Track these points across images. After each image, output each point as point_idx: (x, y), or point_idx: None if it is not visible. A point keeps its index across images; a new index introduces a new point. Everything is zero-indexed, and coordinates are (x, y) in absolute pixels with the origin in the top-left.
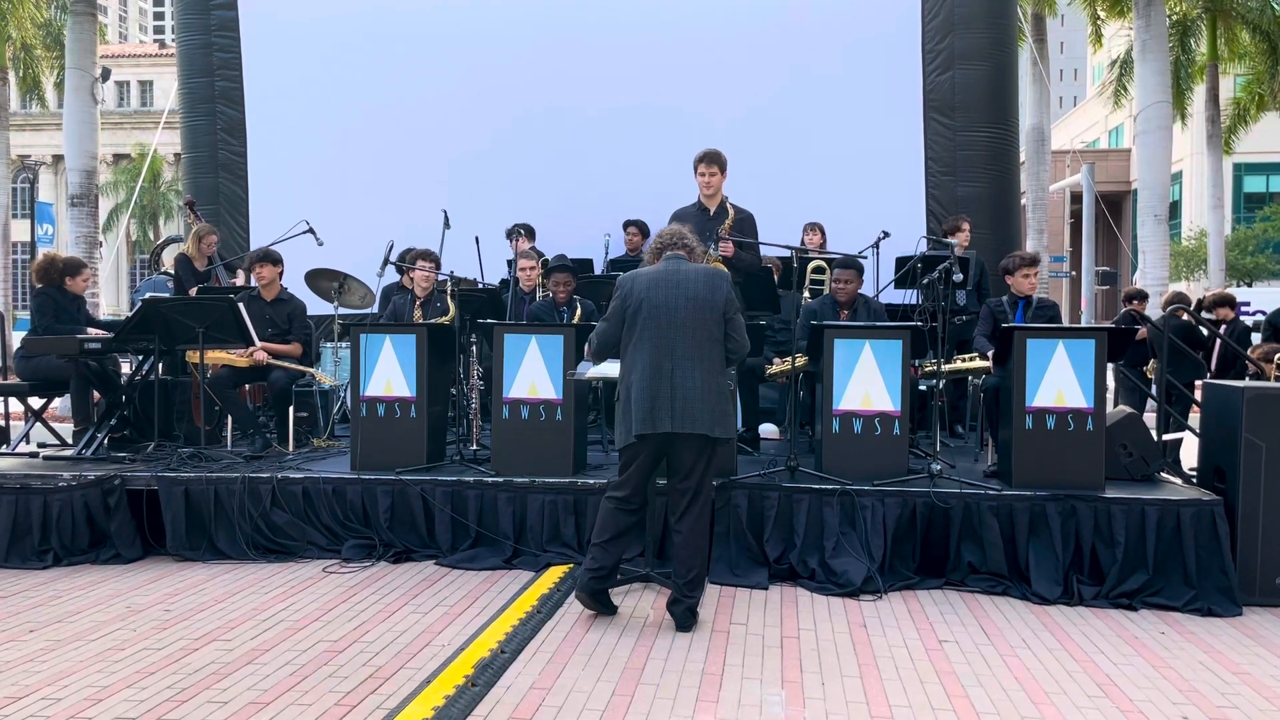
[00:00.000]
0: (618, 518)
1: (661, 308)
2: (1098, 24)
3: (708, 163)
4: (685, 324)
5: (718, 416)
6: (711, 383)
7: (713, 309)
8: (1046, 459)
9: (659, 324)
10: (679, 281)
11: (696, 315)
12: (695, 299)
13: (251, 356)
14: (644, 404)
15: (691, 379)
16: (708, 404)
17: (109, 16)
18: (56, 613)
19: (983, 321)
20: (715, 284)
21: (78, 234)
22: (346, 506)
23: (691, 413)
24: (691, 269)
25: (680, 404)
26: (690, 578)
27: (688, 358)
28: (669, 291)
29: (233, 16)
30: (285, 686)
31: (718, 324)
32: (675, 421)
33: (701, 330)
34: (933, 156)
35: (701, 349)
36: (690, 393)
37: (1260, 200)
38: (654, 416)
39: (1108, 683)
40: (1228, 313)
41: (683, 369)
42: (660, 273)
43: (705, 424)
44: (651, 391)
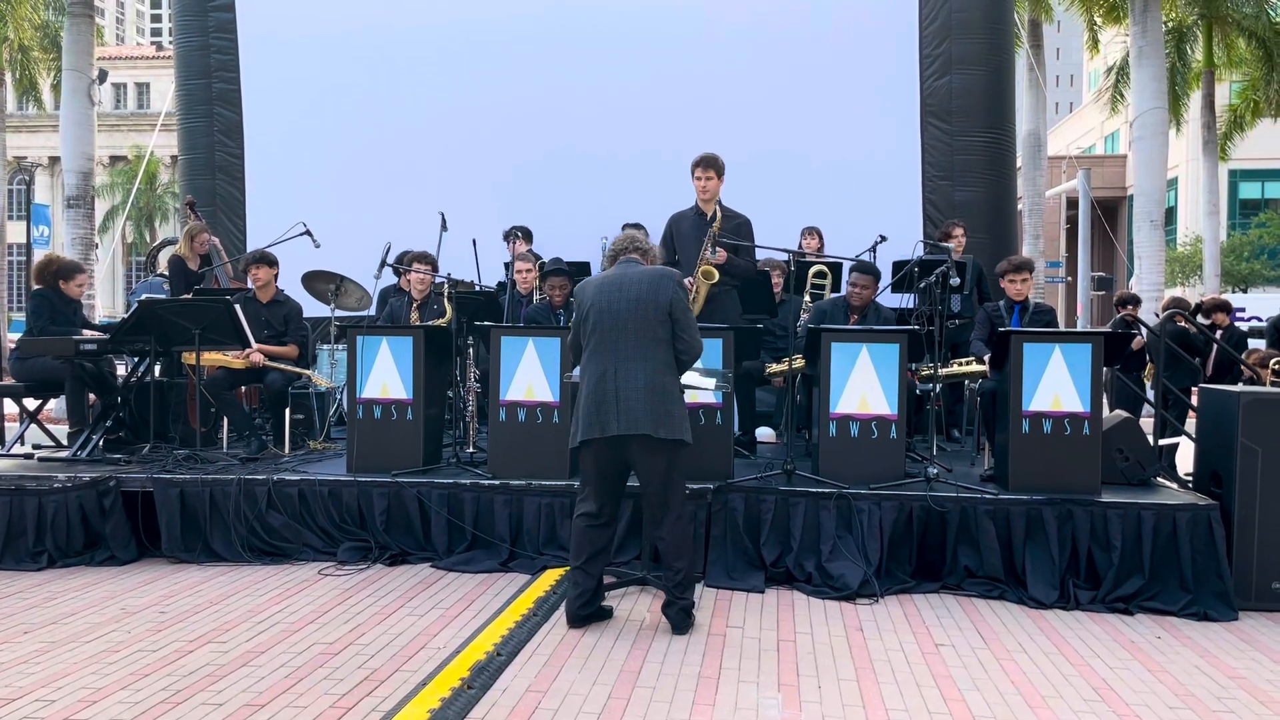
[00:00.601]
0: (590, 535)
1: (606, 312)
2: (1094, 30)
3: (704, 167)
4: (627, 326)
5: (660, 417)
6: (656, 383)
7: (655, 309)
8: (1043, 463)
9: (604, 328)
10: (623, 284)
11: (639, 316)
12: (638, 300)
13: (248, 358)
14: (590, 409)
15: (634, 380)
16: (651, 404)
17: (106, 18)
18: (51, 614)
19: (979, 326)
20: (660, 284)
21: (74, 236)
22: (342, 509)
23: (635, 414)
24: (638, 271)
25: (624, 406)
26: (679, 579)
27: (630, 359)
28: (613, 295)
29: (230, 19)
30: (281, 689)
31: (662, 324)
32: (621, 424)
33: (644, 331)
34: (930, 161)
35: (644, 350)
36: (633, 394)
37: (1255, 206)
38: (600, 420)
39: (1104, 687)
40: (1224, 318)
41: (625, 370)
42: (608, 277)
43: (648, 424)
44: (597, 396)
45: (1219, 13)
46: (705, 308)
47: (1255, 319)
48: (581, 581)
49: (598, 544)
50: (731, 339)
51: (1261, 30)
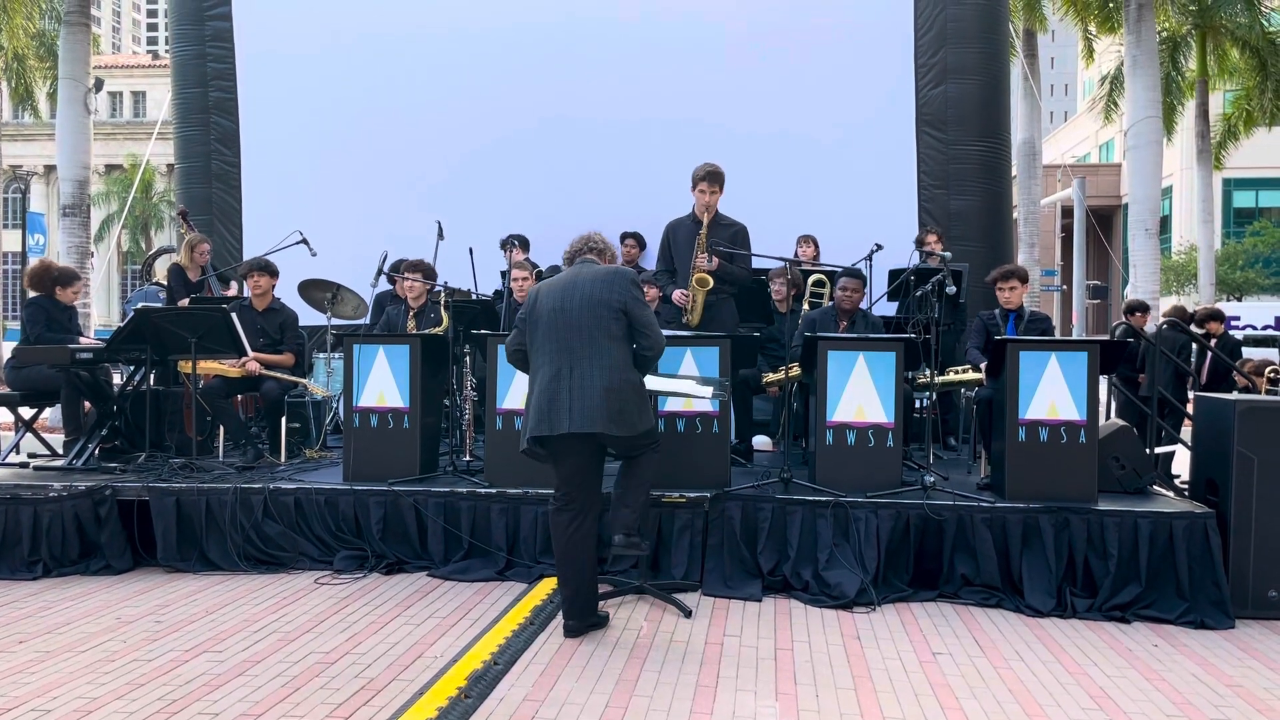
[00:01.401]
0: (561, 526)
1: (558, 312)
2: (1089, 40)
3: (709, 181)
4: (581, 325)
5: (615, 414)
6: (614, 382)
7: (608, 306)
8: (1039, 471)
9: (556, 327)
10: (577, 284)
11: (592, 314)
12: (590, 298)
13: (244, 367)
14: (541, 407)
15: (590, 380)
16: (608, 402)
17: (102, 27)
18: (46, 624)
19: (975, 334)
20: (613, 282)
21: (69, 244)
22: (339, 517)
23: (590, 413)
24: (591, 271)
25: (579, 404)
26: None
27: (585, 359)
28: (565, 295)
29: (227, 27)
30: (277, 698)
31: (616, 320)
32: (573, 422)
33: (598, 329)
34: (925, 170)
35: (599, 348)
36: (589, 394)
37: (1250, 215)
38: (552, 419)
39: (1101, 695)
40: (1217, 327)
41: (581, 370)
42: (560, 279)
43: (603, 423)
44: (550, 394)
45: (1213, 22)
46: (702, 316)
47: (1250, 327)
48: (568, 591)
49: (575, 535)
50: (728, 347)
51: (1255, 40)
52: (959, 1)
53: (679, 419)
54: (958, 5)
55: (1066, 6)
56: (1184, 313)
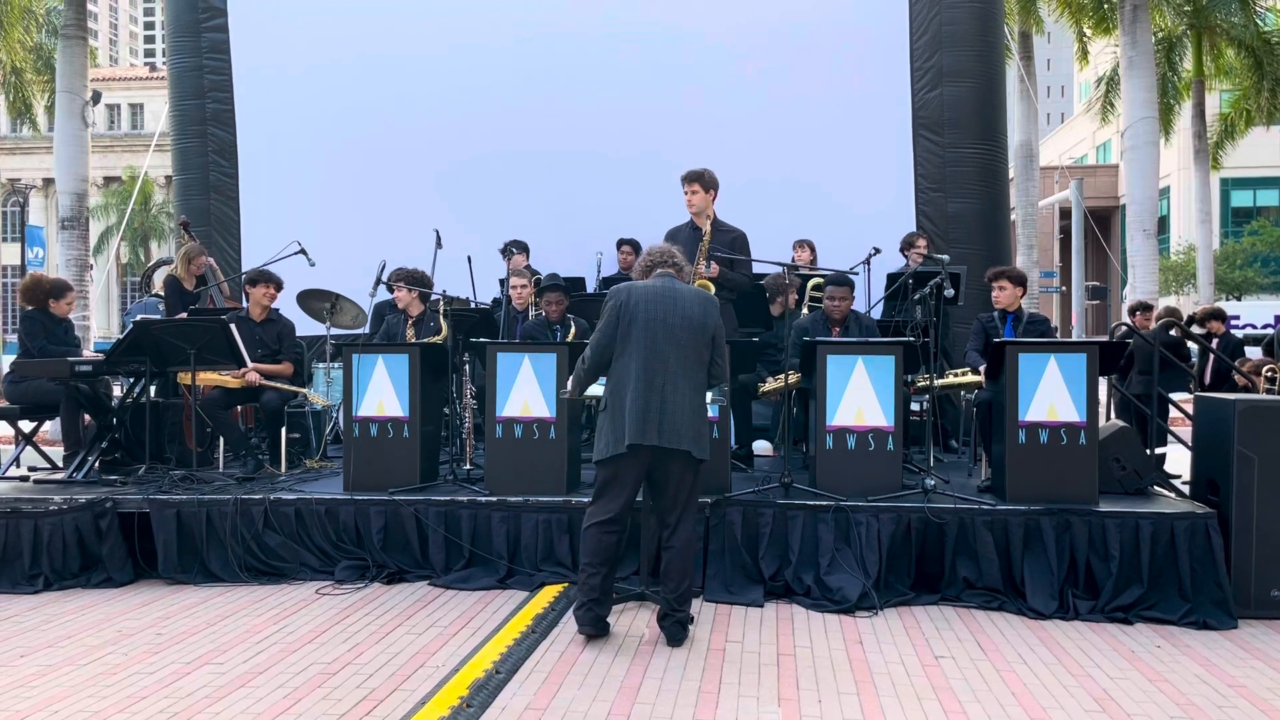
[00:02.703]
0: (608, 541)
1: (658, 322)
2: (1084, 41)
3: (688, 181)
4: (679, 341)
5: (697, 436)
6: (697, 402)
7: (704, 331)
8: (1040, 473)
9: (654, 337)
10: (675, 299)
11: (690, 335)
12: (690, 319)
13: (244, 378)
14: (636, 414)
15: (680, 396)
16: (692, 422)
17: (99, 39)
18: (48, 637)
19: (974, 336)
20: (708, 308)
21: (68, 257)
22: (339, 527)
23: (678, 429)
24: (685, 289)
25: (669, 420)
26: (681, 592)
27: (679, 375)
28: (666, 307)
29: (224, 39)
30: (279, 710)
31: (706, 346)
32: (663, 436)
33: (692, 350)
34: (923, 173)
35: (690, 368)
36: (678, 409)
37: (1248, 214)
38: (645, 428)
39: (1104, 697)
40: (1219, 327)
41: (673, 385)
42: (656, 288)
43: (689, 441)
44: (644, 403)
45: (1208, 23)
46: None
47: (1250, 326)
48: (596, 587)
49: (616, 550)
50: (727, 352)
51: (1251, 40)
52: (954, 4)
53: None
54: (953, 8)
55: (1061, 8)
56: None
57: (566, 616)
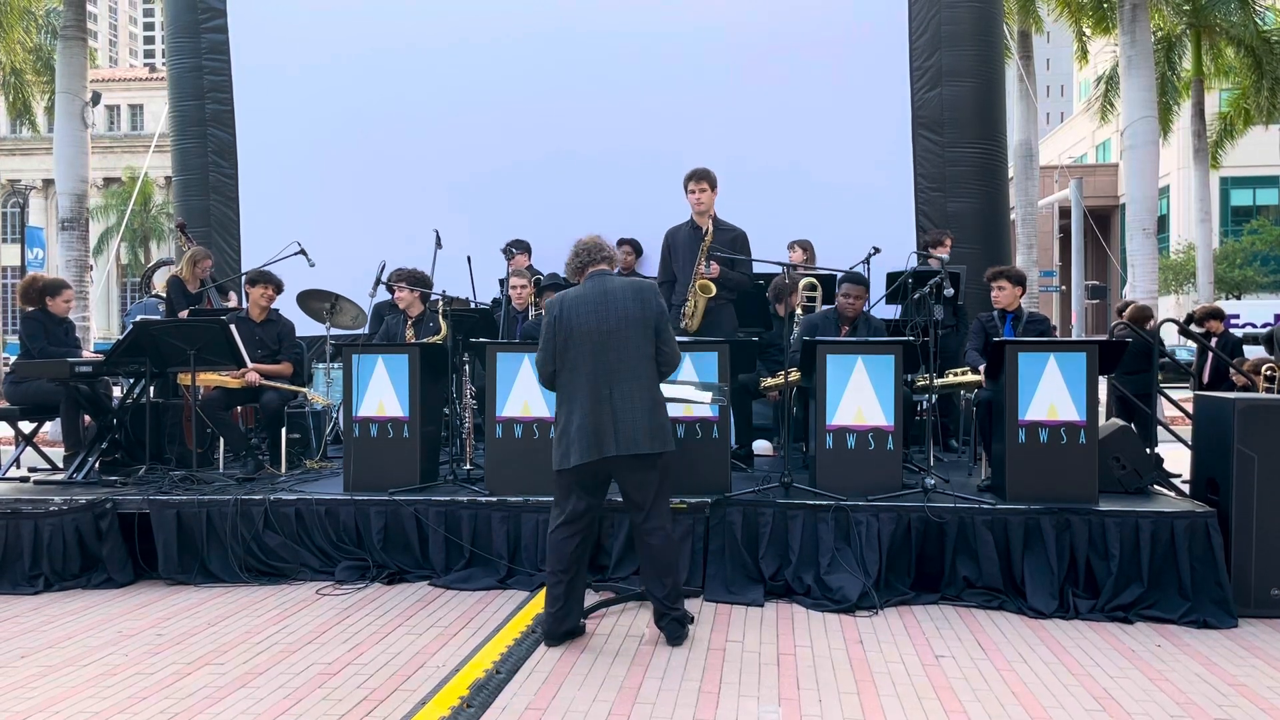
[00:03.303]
0: (570, 545)
1: (594, 331)
2: (1083, 41)
3: (697, 180)
4: (620, 344)
5: (654, 432)
6: (650, 399)
7: (644, 325)
8: (1040, 472)
9: (593, 347)
10: (608, 301)
11: (630, 333)
12: (627, 316)
13: (244, 378)
14: (586, 431)
15: (630, 400)
16: (648, 422)
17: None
18: (48, 638)
19: (974, 336)
20: (645, 299)
21: (68, 258)
22: (339, 528)
23: (634, 434)
24: (619, 285)
25: (623, 427)
26: (670, 589)
27: (627, 379)
28: (600, 313)
29: (223, 40)
30: (279, 710)
31: (649, 339)
32: (620, 445)
33: (636, 348)
34: (922, 173)
35: (636, 367)
36: (631, 413)
37: (1247, 214)
38: (599, 443)
39: (1105, 696)
40: (1217, 326)
41: (622, 391)
42: (588, 294)
43: (645, 442)
44: (595, 418)
45: (1207, 22)
46: (701, 321)
47: (1250, 325)
48: (559, 594)
49: (579, 553)
50: (727, 352)
51: (1250, 39)
52: (953, 4)
53: (679, 425)
54: (952, 8)
55: (1061, 7)
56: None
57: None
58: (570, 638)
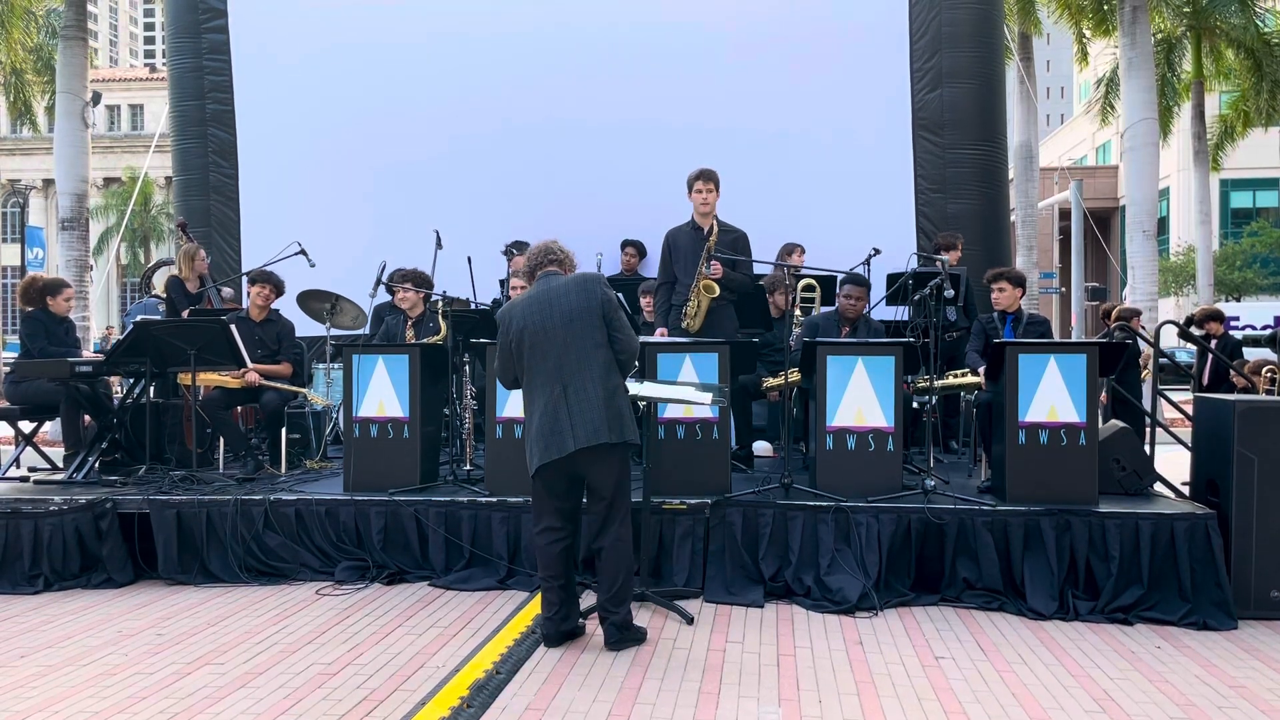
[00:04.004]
0: (554, 550)
1: (539, 333)
2: (1083, 42)
3: (704, 180)
4: (567, 341)
5: (613, 420)
6: (606, 389)
7: (589, 315)
8: (1040, 474)
9: (542, 350)
10: (551, 300)
11: (574, 328)
12: (569, 312)
13: (244, 378)
14: (544, 434)
15: (587, 393)
16: (606, 412)
17: (99, 40)
18: (48, 638)
19: (975, 337)
20: (588, 290)
21: (68, 258)
22: (339, 528)
23: (593, 426)
24: (562, 283)
25: (580, 420)
26: (614, 591)
27: (578, 373)
28: (543, 314)
29: (224, 40)
30: (279, 710)
31: (598, 329)
32: (577, 439)
33: (583, 340)
34: (922, 174)
35: (588, 360)
36: (588, 407)
37: (1247, 215)
38: (559, 442)
39: (1105, 697)
40: (1217, 328)
41: (576, 386)
42: (533, 297)
43: (606, 432)
44: (551, 419)
45: (1208, 24)
46: (703, 321)
47: (1250, 327)
48: (554, 599)
49: (567, 557)
50: (727, 353)
51: (1250, 41)
52: (954, 5)
53: (679, 426)
54: (952, 9)
55: (1061, 9)
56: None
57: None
58: (570, 638)
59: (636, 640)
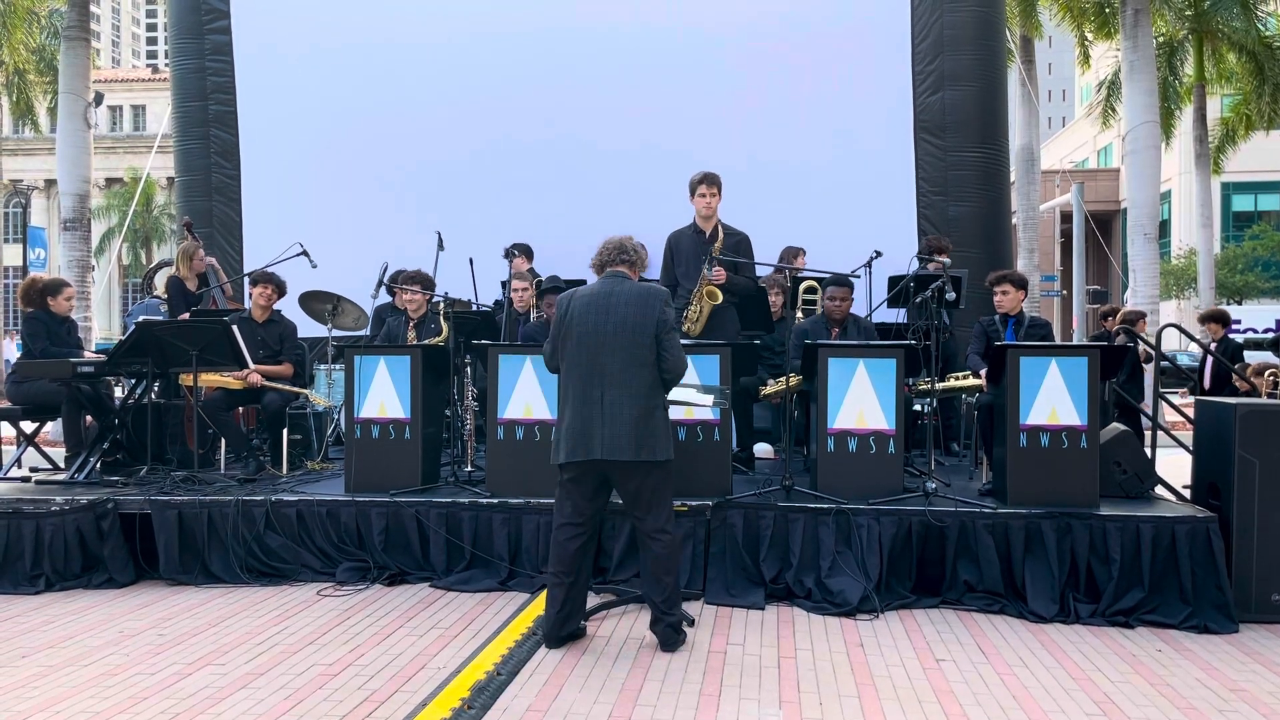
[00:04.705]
0: (571, 546)
1: (591, 332)
2: (1085, 45)
3: (708, 184)
4: (616, 348)
5: (643, 439)
6: (641, 407)
7: (643, 332)
8: (1041, 477)
9: (589, 348)
10: (611, 305)
11: (627, 339)
12: (624, 323)
13: (245, 379)
14: (575, 430)
15: (620, 406)
16: (636, 430)
17: (102, 41)
18: (49, 638)
19: (975, 340)
20: (648, 305)
21: (70, 258)
22: (341, 529)
23: (620, 440)
24: (626, 290)
25: (610, 431)
26: (666, 595)
27: (617, 385)
28: (599, 315)
29: (226, 41)
30: (280, 711)
31: (649, 347)
32: (605, 449)
33: (632, 354)
34: (924, 176)
35: (630, 374)
36: (618, 419)
37: (1249, 219)
38: (586, 443)
39: (1105, 701)
40: (1218, 329)
41: (613, 395)
42: (594, 294)
43: (631, 450)
44: (583, 418)
45: (1209, 27)
46: (704, 326)
47: (1251, 330)
48: (560, 597)
49: (580, 555)
50: (729, 355)
51: (1252, 44)
52: (956, 8)
53: (680, 427)
54: (954, 12)
55: (1063, 12)
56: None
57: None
58: (571, 640)
59: (683, 640)
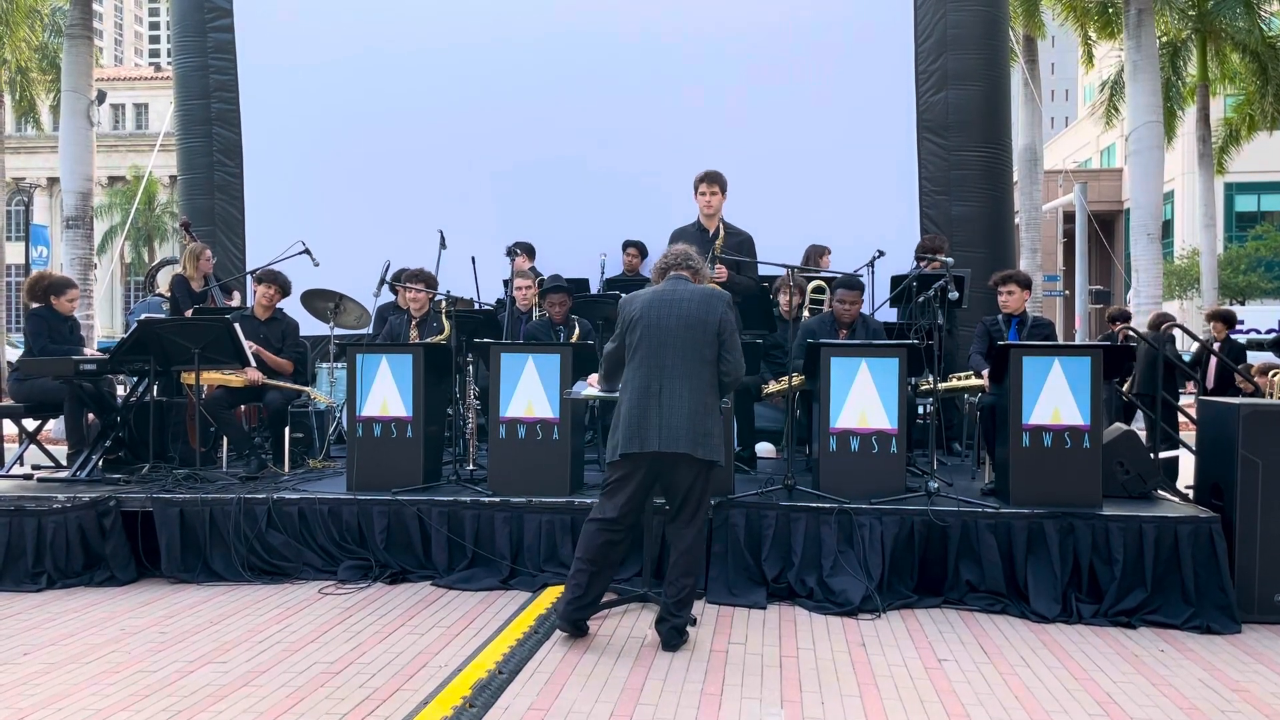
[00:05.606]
0: (602, 540)
1: (654, 327)
2: (1089, 45)
3: (709, 182)
4: (676, 344)
5: (700, 437)
6: (699, 403)
7: (705, 329)
8: (1044, 477)
9: (651, 344)
10: (674, 301)
11: (688, 335)
12: (687, 318)
13: (247, 377)
14: (631, 423)
15: (679, 399)
16: (693, 424)
17: (105, 39)
18: (51, 635)
19: (978, 339)
20: (711, 304)
21: (72, 256)
22: (342, 527)
23: (676, 433)
24: (689, 289)
25: (667, 423)
26: (680, 597)
27: (676, 378)
28: (662, 311)
29: (229, 39)
30: (282, 709)
31: (710, 345)
32: (662, 441)
33: (692, 350)
34: (927, 176)
35: (690, 369)
36: (676, 413)
37: (1252, 219)
38: (642, 436)
39: (1108, 701)
40: (1221, 329)
41: (671, 389)
42: (659, 292)
43: (688, 444)
44: (640, 410)
45: (1213, 27)
46: None
47: (1254, 330)
48: (583, 583)
49: (608, 551)
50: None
51: (1255, 44)
52: (959, 8)
53: None
54: (958, 12)
55: (1066, 12)
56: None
57: None
58: (580, 633)
59: (686, 641)
